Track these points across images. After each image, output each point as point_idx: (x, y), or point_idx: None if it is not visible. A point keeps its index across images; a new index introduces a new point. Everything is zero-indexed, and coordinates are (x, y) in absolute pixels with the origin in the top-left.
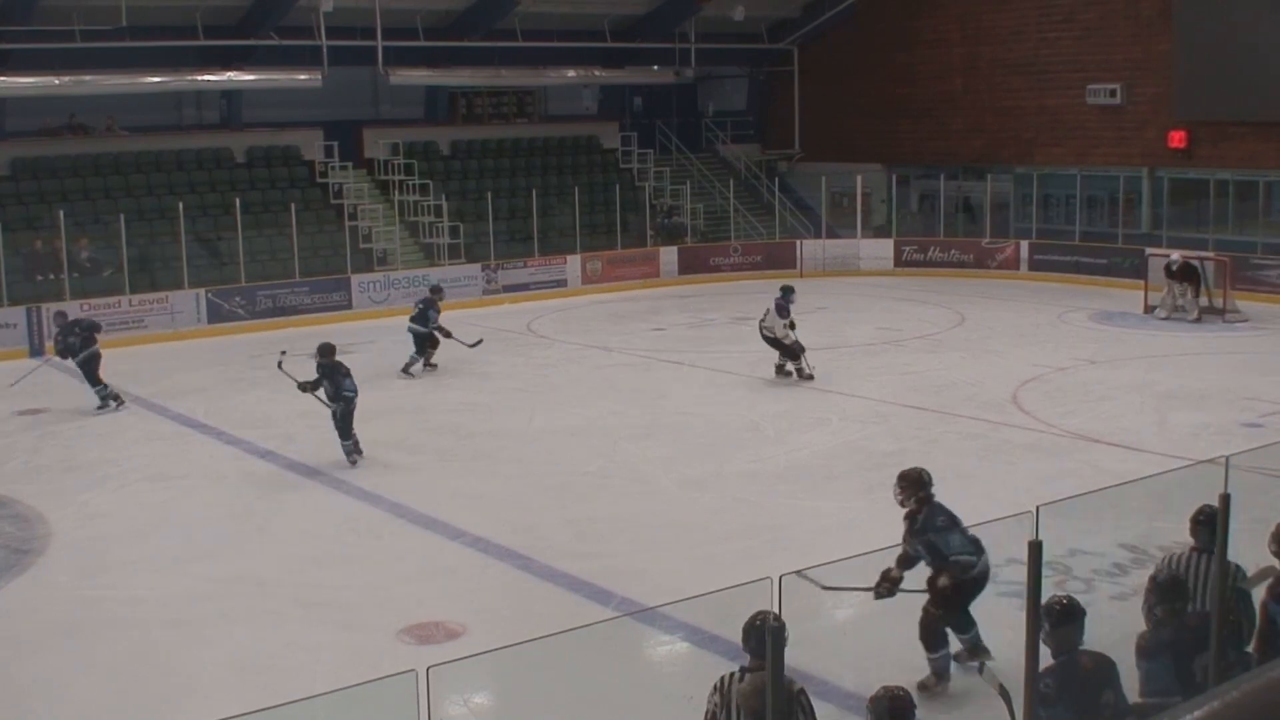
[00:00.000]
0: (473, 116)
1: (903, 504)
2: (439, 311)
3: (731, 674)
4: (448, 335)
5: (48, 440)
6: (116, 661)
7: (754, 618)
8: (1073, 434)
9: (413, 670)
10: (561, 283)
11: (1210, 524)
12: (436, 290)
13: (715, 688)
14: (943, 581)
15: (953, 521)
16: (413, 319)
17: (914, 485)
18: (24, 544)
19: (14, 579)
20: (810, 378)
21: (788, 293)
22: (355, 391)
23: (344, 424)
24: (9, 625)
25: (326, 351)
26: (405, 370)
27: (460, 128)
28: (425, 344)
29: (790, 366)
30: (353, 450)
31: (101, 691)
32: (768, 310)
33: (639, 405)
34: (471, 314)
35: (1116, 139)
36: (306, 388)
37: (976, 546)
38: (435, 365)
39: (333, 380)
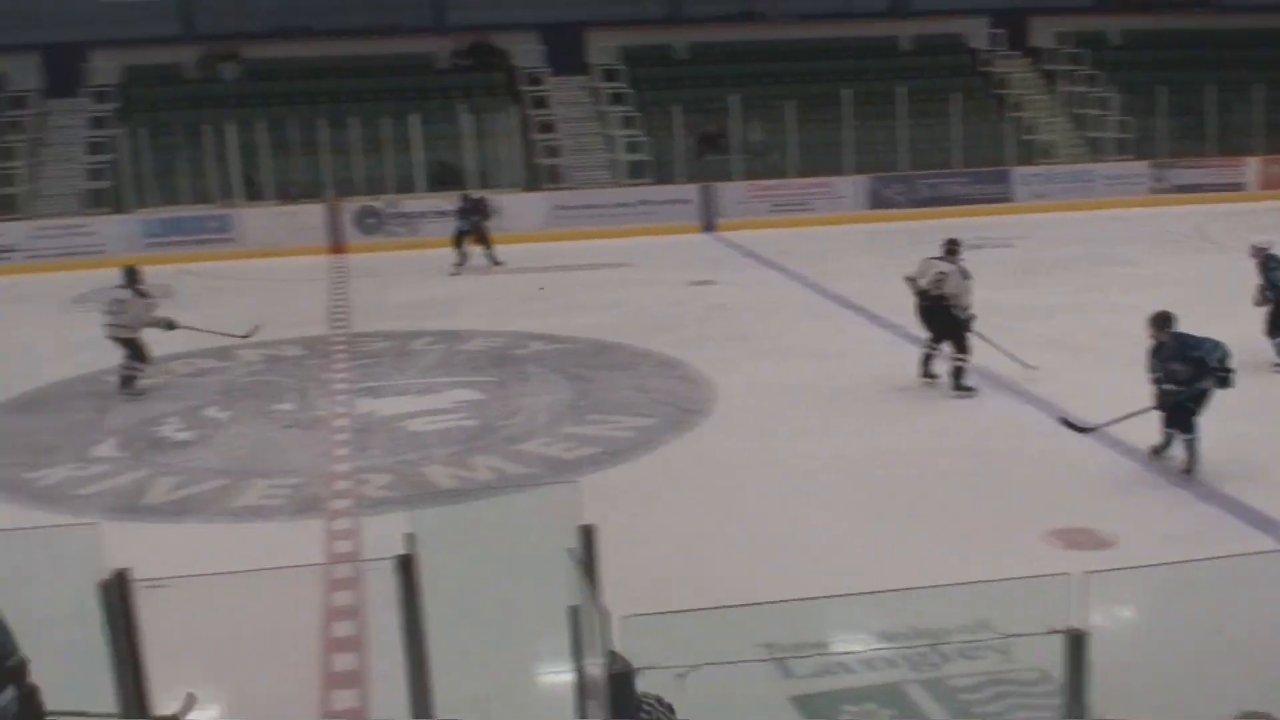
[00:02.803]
0: (1145, 5)
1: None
2: None
3: None
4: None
5: (715, 311)
6: (760, 520)
7: None
8: None
9: (1066, 573)
10: (1237, 186)
11: None
12: None
13: None
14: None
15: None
16: None
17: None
18: (692, 404)
19: (680, 435)
20: None
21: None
22: None
23: None
24: (672, 475)
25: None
26: None
27: (1132, 17)
28: None
29: None
30: None
31: (738, 545)
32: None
33: None
34: (1136, 213)
35: None
36: None
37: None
38: None
39: None
